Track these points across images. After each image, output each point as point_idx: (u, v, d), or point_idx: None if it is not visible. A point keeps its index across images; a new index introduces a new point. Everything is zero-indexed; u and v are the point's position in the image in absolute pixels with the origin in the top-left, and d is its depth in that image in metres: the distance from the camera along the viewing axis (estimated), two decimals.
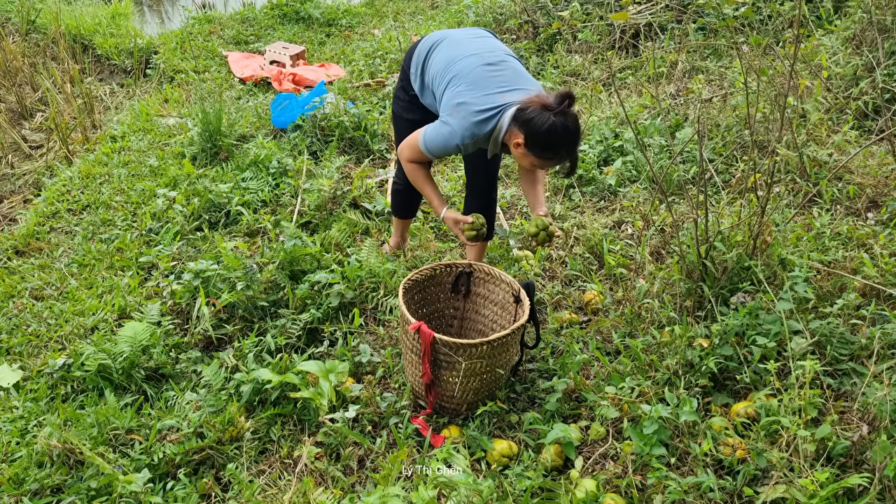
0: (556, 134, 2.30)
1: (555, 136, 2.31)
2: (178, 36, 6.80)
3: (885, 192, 3.18)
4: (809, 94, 3.69)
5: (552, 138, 2.31)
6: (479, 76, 2.49)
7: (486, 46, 2.62)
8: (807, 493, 1.87)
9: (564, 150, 2.37)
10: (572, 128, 2.33)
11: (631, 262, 3.07)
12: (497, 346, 2.28)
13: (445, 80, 2.55)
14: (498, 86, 2.47)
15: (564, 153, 2.38)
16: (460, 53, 2.57)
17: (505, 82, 2.48)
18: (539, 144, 2.34)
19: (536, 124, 2.30)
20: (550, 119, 2.29)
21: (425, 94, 2.70)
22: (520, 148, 2.39)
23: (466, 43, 2.64)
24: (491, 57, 2.55)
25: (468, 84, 2.48)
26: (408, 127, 2.75)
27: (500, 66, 2.53)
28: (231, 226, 3.75)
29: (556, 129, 2.29)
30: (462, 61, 2.54)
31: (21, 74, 6.11)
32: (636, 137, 2.69)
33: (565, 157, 2.40)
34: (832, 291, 2.55)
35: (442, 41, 2.68)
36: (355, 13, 7.48)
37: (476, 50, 2.59)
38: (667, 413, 2.11)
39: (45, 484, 2.24)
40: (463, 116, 2.43)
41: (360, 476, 2.27)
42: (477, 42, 2.66)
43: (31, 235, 3.82)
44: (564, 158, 2.41)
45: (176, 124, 4.99)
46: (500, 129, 2.42)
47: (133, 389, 2.69)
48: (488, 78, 2.48)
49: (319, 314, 2.88)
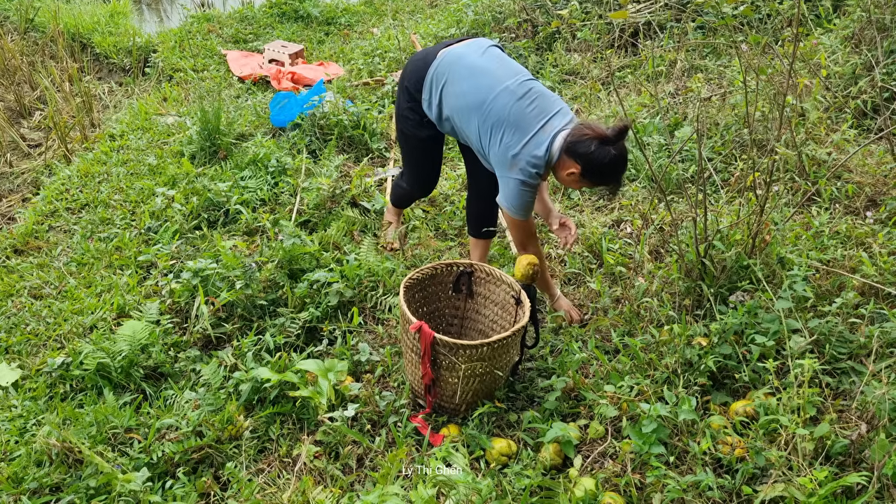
0: (617, 166, 2.43)
1: (615, 168, 2.44)
2: (177, 34, 6.79)
3: (884, 191, 3.18)
4: (808, 92, 3.69)
5: (613, 170, 2.44)
6: (519, 116, 2.51)
7: (505, 72, 2.60)
8: (805, 491, 1.87)
9: (620, 178, 2.52)
10: (626, 158, 2.47)
11: (630, 260, 3.07)
12: (497, 348, 2.28)
13: (487, 126, 2.54)
14: (537, 119, 2.52)
15: (617, 180, 2.53)
16: (488, 91, 2.55)
17: (541, 112, 2.53)
18: (599, 175, 2.45)
19: (597, 158, 2.39)
20: (611, 153, 2.39)
21: (444, 125, 2.74)
22: (573, 176, 2.47)
23: (486, 72, 2.60)
24: (518, 87, 2.56)
25: (513, 130, 2.50)
26: (421, 145, 2.85)
27: (530, 96, 2.55)
28: (230, 224, 3.74)
29: (617, 162, 2.42)
30: (495, 103, 2.53)
31: (19, 73, 6.10)
32: (635, 136, 2.69)
33: (618, 183, 2.55)
34: (831, 290, 2.55)
35: (455, 69, 2.63)
36: (354, 12, 7.47)
37: (501, 81, 2.56)
38: (666, 412, 2.11)
39: (43, 483, 2.24)
40: (522, 168, 2.48)
41: (358, 475, 2.27)
42: (493, 65, 2.62)
43: (29, 234, 3.81)
44: (617, 184, 2.55)
45: (175, 123, 4.99)
46: (551, 158, 2.48)
47: (132, 388, 2.68)
48: (527, 115, 2.52)
49: (318, 313, 2.88)
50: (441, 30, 6.12)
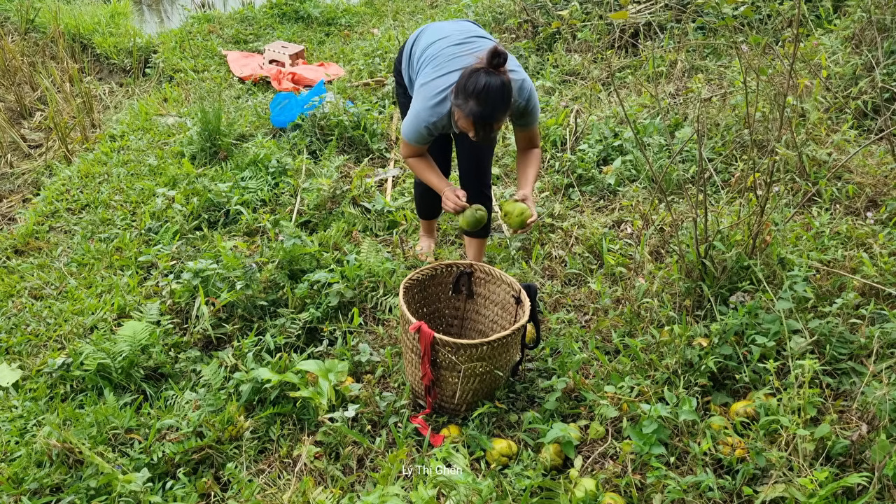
0: (480, 92, 2.24)
1: (479, 94, 2.24)
2: (178, 35, 6.79)
3: (885, 192, 3.18)
4: (809, 93, 3.69)
5: (476, 96, 2.25)
6: (444, 57, 2.48)
7: (461, 28, 2.61)
8: (806, 492, 1.87)
9: (484, 107, 2.27)
10: (496, 87, 2.25)
11: (630, 261, 3.07)
12: (497, 347, 2.28)
13: (417, 66, 2.57)
14: (462, 65, 2.42)
15: (480, 110, 2.28)
16: (434, 38, 2.58)
17: (471, 60, 2.41)
18: (465, 101, 2.28)
19: (467, 83, 2.26)
20: (481, 79, 2.24)
21: (411, 88, 2.71)
22: (459, 113, 2.33)
23: (443, 28, 2.64)
24: (460, 37, 2.53)
25: (433, 66, 2.48)
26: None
27: (467, 46, 2.49)
28: (230, 225, 3.75)
29: (482, 88, 2.23)
30: (433, 45, 2.55)
31: (20, 73, 6.10)
32: (635, 137, 2.69)
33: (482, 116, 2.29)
34: (831, 291, 2.55)
35: (422, 32, 2.69)
36: (354, 12, 7.47)
37: (449, 33, 2.58)
38: (666, 412, 2.11)
39: (44, 483, 2.24)
40: (422, 99, 2.42)
41: (359, 475, 2.27)
42: (453, 25, 2.65)
43: (30, 235, 3.81)
44: (492, 118, 2.31)
45: (175, 123, 4.99)
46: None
47: (132, 389, 2.68)
48: (453, 57, 2.46)
49: (319, 313, 2.88)
50: None
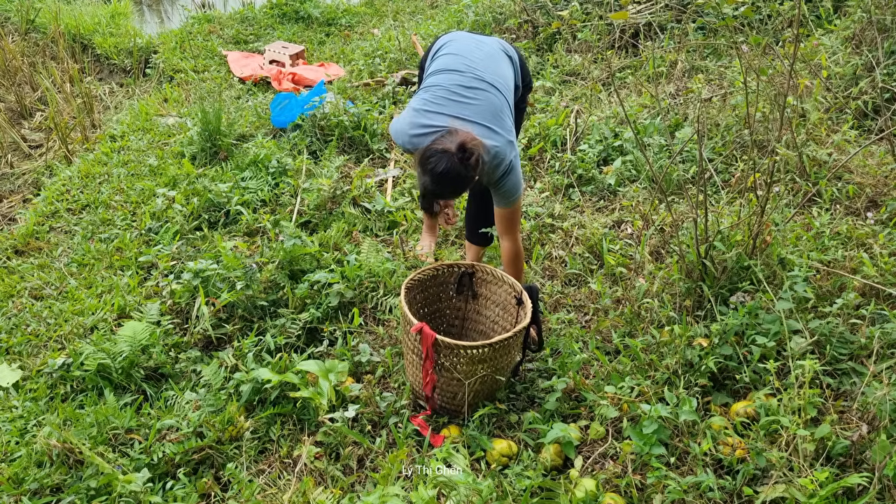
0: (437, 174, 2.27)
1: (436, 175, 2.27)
2: (178, 35, 6.79)
3: (885, 192, 3.18)
4: (809, 93, 3.69)
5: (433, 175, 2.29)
6: (446, 94, 2.46)
7: (481, 64, 2.55)
8: (806, 492, 1.87)
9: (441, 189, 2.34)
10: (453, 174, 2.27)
11: (630, 261, 3.07)
12: (499, 349, 2.27)
13: (426, 77, 2.59)
14: (457, 111, 2.41)
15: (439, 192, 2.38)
16: (452, 65, 2.55)
17: (467, 112, 2.41)
18: (423, 174, 2.33)
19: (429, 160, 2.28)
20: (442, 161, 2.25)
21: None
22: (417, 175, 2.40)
23: (468, 51, 2.59)
24: (474, 80, 2.49)
25: (433, 96, 2.46)
26: None
27: (474, 93, 2.46)
28: (230, 225, 3.75)
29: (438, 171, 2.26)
30: (445, 74, 2.52)
31: (20, 74, 6.10)
32: (636, 137, 2.69)
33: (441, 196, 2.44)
34: (832, 291, 2.55)
35: (450, 43, 2.67)
36: (355, 13, 7.47)
37: (468, 66, 2.53)
38: (666, 412, 2.11)
39: (44, 483, 2.24)
40: (409, 122, 2.43)
41: (359, 476, 2.27)
42: (476, 54, 2.59)
43: (30, 235, 3.81)
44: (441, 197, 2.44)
45: (175, 124, 4.99)
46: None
47: (132, 389, 2.69)
48: (452, 100, 2.44)
49: (319, 314, 2.88)
50: (441, 31, 6.12)
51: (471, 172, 2.29)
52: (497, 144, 2.41)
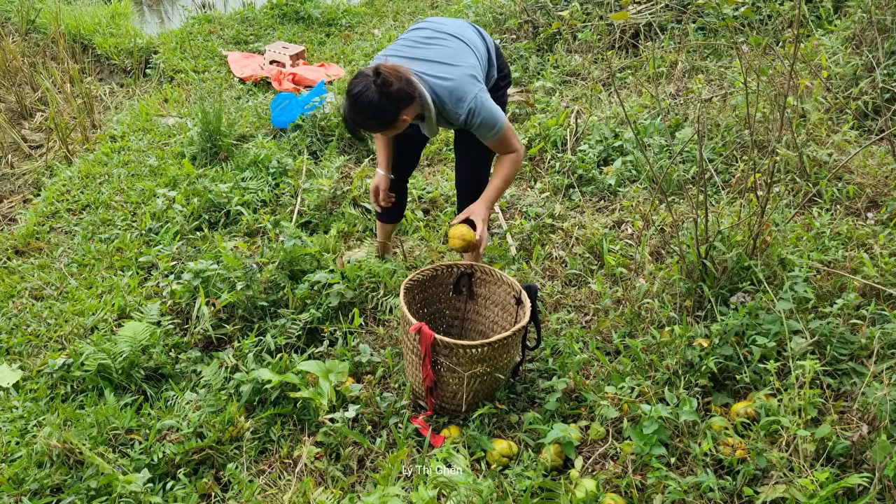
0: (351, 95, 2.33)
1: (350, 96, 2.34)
2: (178, 36, 6.79)
3: (885, 192, 3.18)
4: (809, 93, 3.69)
5: (349, 97, 2.35)
6: (405, 43, 2.52)
7: (447, 26, 2.59)
8: (807, 492, 1.87)
9: (353, 114, 2.38)
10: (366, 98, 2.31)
11: (631, 261, 3.07)
12: (498, 348, 2.28)
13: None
14: (411, 53, 2.46)
15: (351, 117, 2.40)
16: (416, 26, 2.63)
17: (421, 53, 2.46)
18: (345, 99, 2.40)
19: (349, 83, 2.36)
20: (359, 82, 2.31)
21: None
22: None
23: (433, 21, 2.66)
24: (435, 33, 2.53)
25: (392, 47, 2.53)
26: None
27: (434, 41, 2.50)
28: (231, 226, 3.75)
29: (352, 92, 2.32)
30: (409, 32, 2.59)
31: (21, 74, 6.10)
32: (636, 137, 2.69)
33: (354, 122, 2.41)
34: (832, 291, 2.55)
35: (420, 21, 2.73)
36: (355, 13, 7.48)
37: (432, 25, 2.60)
38: (667, 413, 2.11)
39: (44, 484, 2.24)
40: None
41: (359, 476, 2.27)
42: (445, 22, 2.64)
43: (30, 235, 3.82)
44: (354, 124, 2.42)
45: (176, 124, 4.99)
46: None
47: (133, 389, 2.69)
48: (410, 46, 2.50)
49: (319, 314, 2.88)
50: None
51: (387, 102, 2.30)
52: (453, 78, 2.40)
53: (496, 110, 2.46)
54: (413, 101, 2.37)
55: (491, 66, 2.66)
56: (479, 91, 2.42)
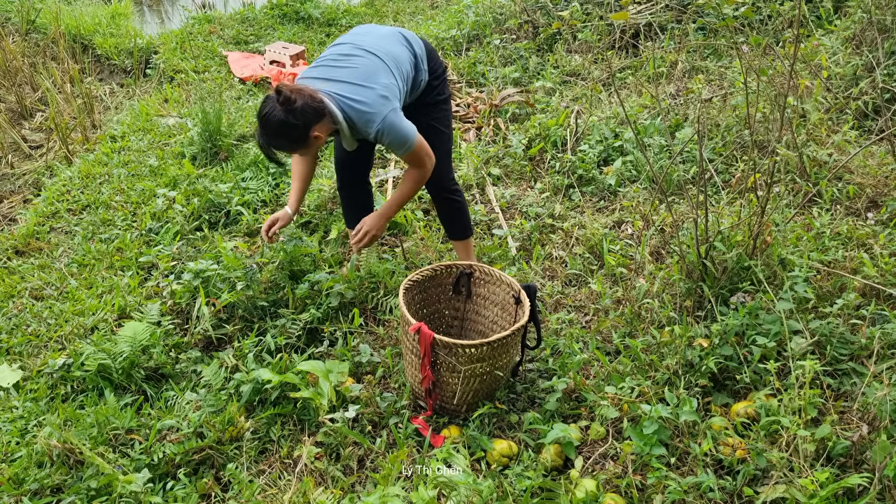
0: (260, 117, 2.45)
1: (259, 118, 2.46)
2: (178, 36, 6.79)
3: (885, 192, 3.18)
4: (809, 94, 3.69)
5: (258, 120, 2.47)
6: (321, 63, 2.60)
7: (365, 39, 2.64)
8: (807, 492, 1.87)
9: (262, 136, 2.48)
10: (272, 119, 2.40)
11: (631, 261, 3.07)
12: (497, 347, 2.28)
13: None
14: (326, 74, 2.53)
15: (262, 139, 2.49)
16: (336, 42, 2.69)
17: (335, 74, 2.52)
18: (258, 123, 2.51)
19: (259, 106, 2.47)
20: (266, 105, 2.42)
21: None
22: None
23: (354, 34, 2.71)
24: (352, 49, 2.59)
25: (309, 68, 2.61)
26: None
27: (348, 59, 2.56)
28: (231, 226, 3.75)
29: (260, 114, 2.44)
30: (328, 49, 2.65)
31: (21, 74, 6.11)
32: (636, 137, 2.69)
33: (265, 144, 2.50)
34: (832, 291, 2.55)
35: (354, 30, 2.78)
36: (355, 13, 7.48)
37: (350, 40, 2.65)
38: (667, 413, 2.11)
39: (44, 484, 2.24)
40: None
41: (359, 476, 2.27)
42: (367, 33, 2.69)
43: (30, 235, 3.82)
44: (265, 145, 2.51)
45: (176, 124, 4.99)
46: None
47: (133, 389, 2.69)
48: (325, 66, 2.57)
49: (319, 314, 2.88)
50: (442, 31, 6.12)
51: (293, 118, 2.38)
52: (363, 100, 2.47)
53: (406, 130, 2.53)
54: (322, 118, 2.45)
55: (419, 72, 2.72)
56: (389, 112, 2.49)
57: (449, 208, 2.96)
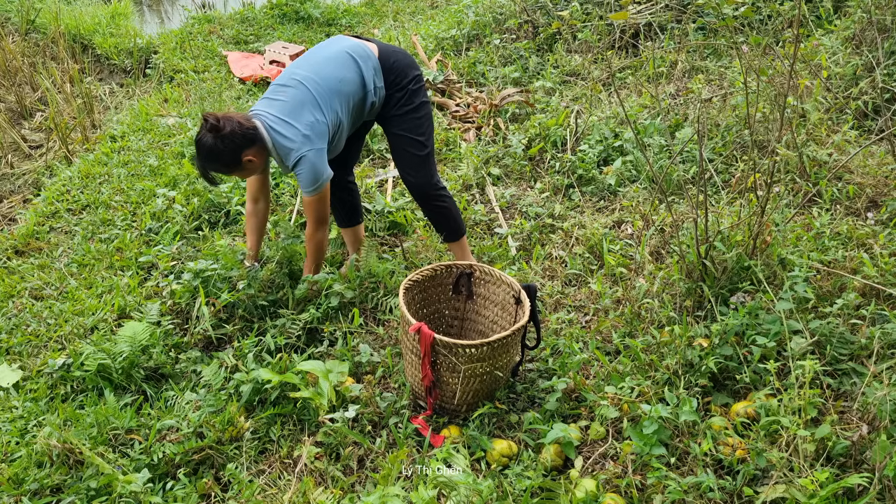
0: (195, 143, 2.65)
1: (195, 144, 2.65)
2: (178, 36, 6.80)
3: (885, 192, 3.18)
4: (809, 93, 3.69)
5: (194, 145, 2.67)
6: (269, 94, 2.73)
7: (304, 65, 2.76)
8: (806, 492, 1.87)
9: (197, 161, 2.68)
10: (203, 145, 2.60)
11: (631, 261, 3.07)
12: (497, 347, 2.27)
13: None
14: (268, 109, 2.67)
15: (197, 163, 2.70)
16: (283, 71, 2.81)
17: (273, 111, 2.66)
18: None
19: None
20: (199, 133, 2.61)
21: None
22: None
23: (300, 60, 2.82)
24: (288, 80, 2.73)
25: (262, 99, 2.76)
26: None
27: (283, 91, 2.70)
28: (231, 225, 3.75)
29: (195, 141, 2.64)
30: (277, 79, 2.79)
31: (21, 74, 6.11)
32: (636, 137, 2.69)
33: (199, 167, 2.71)
34: (832, 291, 2.55)
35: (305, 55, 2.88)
36: (355, 13, 7.48)
37: (290, 69, 2.77)
38: (666, 413, 2.11)
39: (44, 484, 2.24)
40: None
41: (359, 476, 2.27)
42: (310, 58, 2.79)
43: (30, 235, 3.82)
44: (200, 169, 2.71)
45: (175, 124, 4.99)
46: None
47: (133, 389, 2.69)
48: (270, 99, 2.72)
49: (319, 314, 2.88)
50: (442, 31, 6.12)
51: (221, 144, 2.56)
52: (287, 136, 2.63)
53: (318, 172, 2.67)
54: (254, 144, 2.62)
55: (368, 94, 2.78)
56: (307, 151, 2.63)
57: (437, 214, 3.00)
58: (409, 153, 2.86)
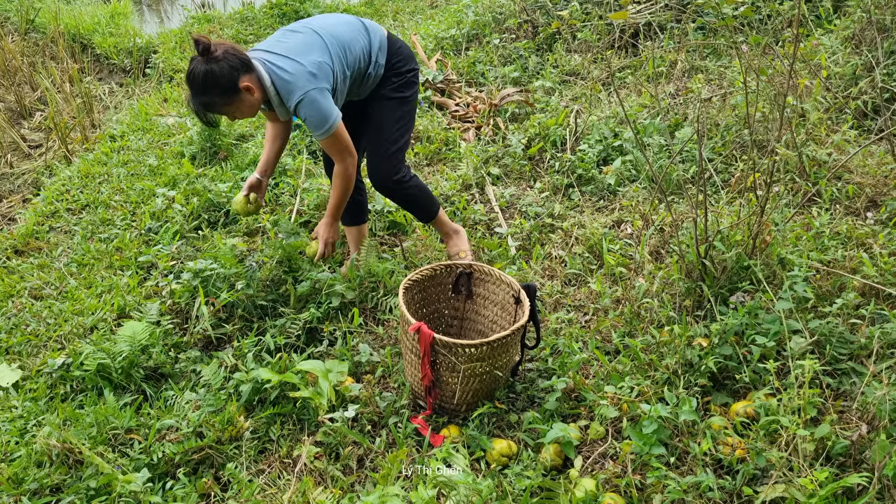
0: (187, 77, 2.51)
1: (186, 78, 2.52)
2: (178, 35, 6.79)
3: (885, 192, 3.18)
4: (809, 93, 3.69)
5: (186, 80, 2.54)
6: (275, 36, 2.66)
7: (316, 20, 2.70)
8: (806, 492, 1.87)
9: (190, 92, 2.52)
10: (196, 73, 2.45)
11: (630, 261, 3.07)
12: (497, 347, 2.28)
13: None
14: (265, 46, 2.59)
15: (190, 96, 2.53)
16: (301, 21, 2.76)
17: (274, 47, 2.57)
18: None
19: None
20: (191, 63, 2.48)
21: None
22: None
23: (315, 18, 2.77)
24: (297, 26, 2.66)
25: (265, 41, 2.66)
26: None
27: (291, 35, 2.63)
28: (230, 225, 3.75)
29: (187, 73, 2.51)
30: (287, 26, 2.72)
31: (20, 74, 6.10)
32: (635, 137, 2.69)
33: (193, 100, 2.52)
34: (831, 291, 2.55)
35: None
36: (355, 13, 7.47)
37: (306, 21, 2.72)
38: (666, 412, 2.11)
39: (44, 483, 2.24)
40: None
41: (359, 475, 2.27)
42: (323, 17, 2.75)
43: (30, 235, 3.81)
44: (194, 102, 2.53)
45: (175, 124, 4.99)
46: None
47: (132, 389, 2.69)
48: (269, 41, 2.64)
49: (319, 314, 2.88)
50: (441, 30, 6.12)
51: (216, 66, 2.42)
52: (289, 70, 2.50)
53: (326, 110, 2.53)
54: (250, 71, 2.49)
55: (370, 64, 2.74)
56: (312, 88, 2.50)
57: (401, 200, 3.02)
58: (378, 139, 2.80)
